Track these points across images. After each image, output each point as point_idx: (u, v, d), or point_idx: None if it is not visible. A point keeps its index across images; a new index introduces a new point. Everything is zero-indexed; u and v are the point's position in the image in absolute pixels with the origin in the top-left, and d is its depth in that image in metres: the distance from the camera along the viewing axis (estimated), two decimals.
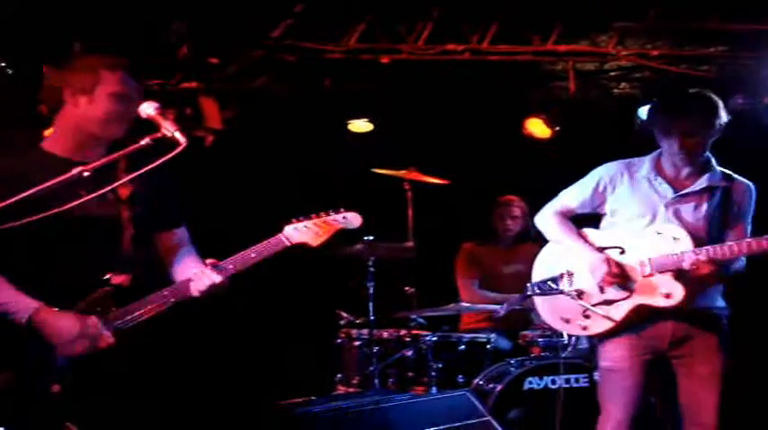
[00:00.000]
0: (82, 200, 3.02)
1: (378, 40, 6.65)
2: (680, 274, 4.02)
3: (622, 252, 4.19)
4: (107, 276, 3.31)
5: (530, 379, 5.40)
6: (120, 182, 3.19)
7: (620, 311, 4.12)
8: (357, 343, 5.91)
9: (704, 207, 4.17)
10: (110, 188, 3.03)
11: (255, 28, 6.46)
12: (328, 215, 3.45)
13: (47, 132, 3.18)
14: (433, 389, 5.54)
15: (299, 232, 3.41)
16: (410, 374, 5.70)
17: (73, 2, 5.77)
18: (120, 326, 3.29)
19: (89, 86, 3.28)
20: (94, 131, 3.32)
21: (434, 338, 5.72)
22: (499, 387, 5.35)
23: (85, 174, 2.87)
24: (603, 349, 4.25)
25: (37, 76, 6.33)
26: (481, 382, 5.52)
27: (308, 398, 5.42)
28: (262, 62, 6.76)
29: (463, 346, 5.82)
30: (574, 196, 4.42)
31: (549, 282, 4.30)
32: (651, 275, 4.07)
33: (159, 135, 3.09)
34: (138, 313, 3.32)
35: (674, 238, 4.06)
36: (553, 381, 5.39)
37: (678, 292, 4.02)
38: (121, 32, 6.14)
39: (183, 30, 6.23)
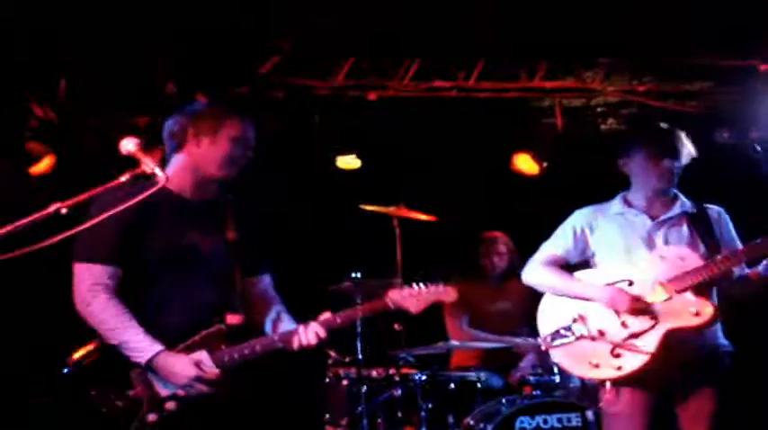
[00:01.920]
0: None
1: (365, 77, 6.66)
2: (700, 291, 4.00)
3: (630, 283, 4.13)
4: (223, 315, 3.48)
5: (521, 418, 5.31)
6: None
7: (652, 342, 4.00)
8: (345, 382, 5.81)
9: (686, 231, 4.21)
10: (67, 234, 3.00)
11: (243, 64, 6.45)
12: (428, 287, 3.67)
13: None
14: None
15: (403, 298, 3.62)
16: (399, 414, 5.60)
17: (60, 37, 5.75)
18: (227, 365, 3.42)
19: (213, 129, 3.49)
20: (211, 172, 3.52)
21: (424, 377, 5.63)
22: (490, 427, 5.27)
23: (63, 211, 2.81)
24: (606, 393, 4.13)
25: (22, 110, 6.35)
26: (472, 422, 5.44)
27: None
28: (248, 98, 6.75)
29: (453, 385, 5.74)
30: (556, 246, 4.38)
31: (561, 331, 4.16)
32: (671, 299, 4.02)
33: (139, 171, 3.09)
34: (246, 352, 3.46)
35: (681, 259, 4.05)
36: (545, 421, 5.33)
37: (706, 308, 3.98)
38: (109, 68, 6.15)
39: (168, 66, 6.23)
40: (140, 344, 3.33)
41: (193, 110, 3.61)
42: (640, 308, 4.03)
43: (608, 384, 4.13)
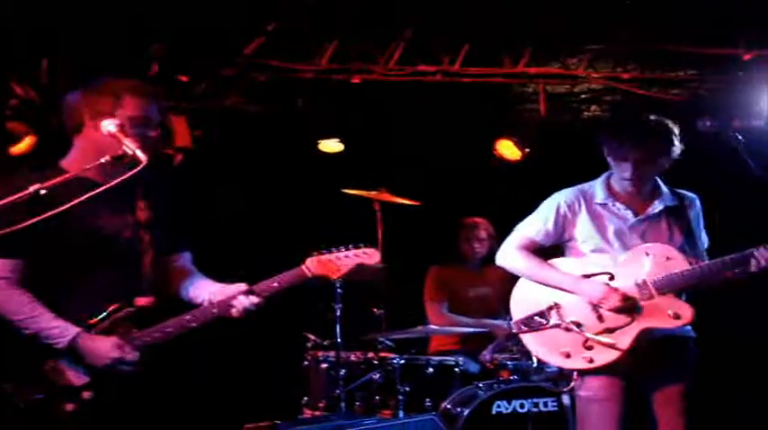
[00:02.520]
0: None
1: (350, 61, 6.64)
2: (681, 293, 4.01)
3: (612, 278, 4.11)
4: (132, 298, 3.39)
5: (498, 402, 5.36)
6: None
7: (626, 338, 4.00)
8: (324, 365, 5.82)
9: (666, 228, 4.19)
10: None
11: (227, 46, 6.42)
12: (348, 250, 3.54)
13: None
14: (401, 413, 5.47)
15: (321, 265, 3.49)
16: (377, 398, 5.62)
17: (42, 17, 5.70)
18: (139, 346, 3.35)
19: (109, 110, 3.30)
20: (113, 154, 3.28)
21: (402, 361, 5.64)
22: (467, 411, 5.30)
23: (42, 192, 2.81)
24: (583, 378, 4.15)
25: (4, 91, 6.30)
26: (449, 406, 5.47)
27: (273, 422, 5.34)
28: (233, 81, 6.72)
29: (431, 369, 5.76)
30: (535, 228, 4.31)
31: (536, 317, 4.15)
32: (652, 297, 4.01)
33: (120, 152, 3.08)
34: (156, 335, 3.39)
35: (667, 258, 4.03)
36: (521, 405, 5.36)
37: (687, 311, 3.99)
38: (91, 48, 6.10)
39: (160, 50, 6.19)
40: (57, 330, 3.27)
41: (87, 90, 3.39)
42: (625, 307, 4.01)
43: (575, 374, 4.17)
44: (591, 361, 4.05)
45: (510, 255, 4.34)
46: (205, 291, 3.55)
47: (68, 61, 6.26)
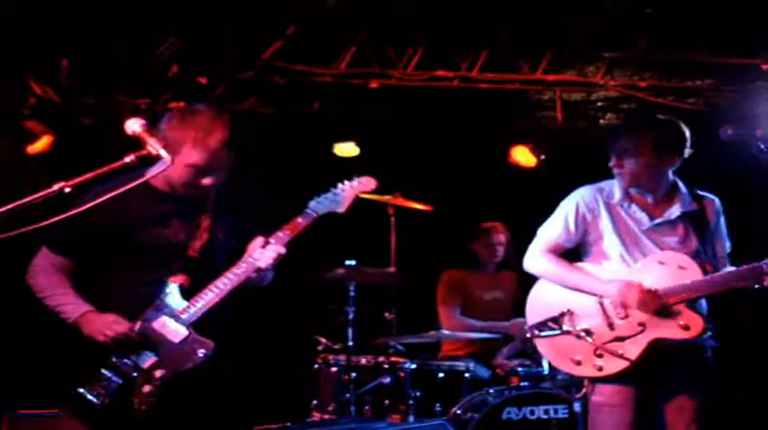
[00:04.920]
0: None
1: (368, 65, 6.65)
2: (691, 303, 3.96)
3: None
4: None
5: (508, 408, 5.35)
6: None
7: (635, 348, 3.95)
8: (334, 369, 5.82)
9: (683, 233, 4.14)
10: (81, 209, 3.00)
11: (246, 49, 6.45)
12: (344, 184, 3.78)
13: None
14: (410, 418, 5.47)
15: (324, 204, 3.71)
16: (387, 402, 5.61)
17: (64, 17, 5.75)
18: (190, 319, 3.47)
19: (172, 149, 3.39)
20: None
21: (413, 366, 5.65)
22: (477, 417, 5.30)
23: (67, 190, 2.83)
24: (595, 385, 4.10)
25: (22, 88, 6.36)
26: (459, 412, 5.47)
27: (283, 425, 5.36)
28: (250, 83, 6.75)
29: (442, 375, 5.77)
30: (558, 231, 4.25)
31: (549, 323, 4.09)
32: (663, 308, 3.95)
33: (144, 152, 3.11)
34: (199, 305, 3.48)
35: (681, 267, 3.98)
36: (532, 412, 5.35)
37: (697, 322, 3.92)
38: (111, 49, 6.15)
39: (171, 48, 6.23)
40: (69, 306, 3.48)
41: (181, 116, 3.50)
42: (652, 302, 3.94)
43: (586, 381, 4.15)
44: (600, 369, 4.01)
45: (536, 260, 4.28)
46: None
47: (87, 62, 6.32)
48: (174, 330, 3.46)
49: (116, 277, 3.55)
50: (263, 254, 3.54)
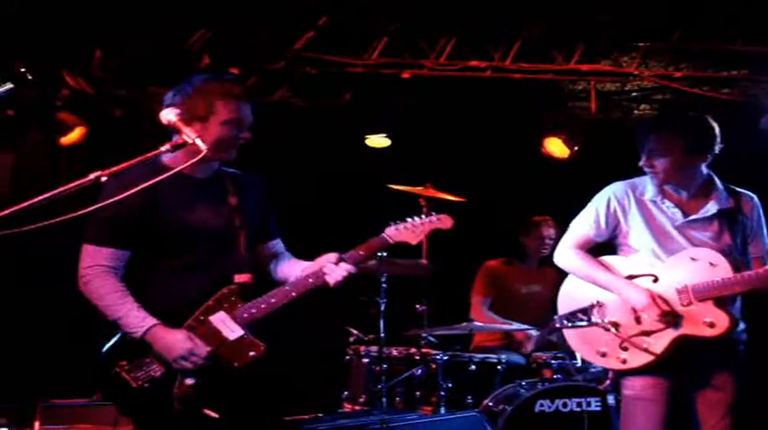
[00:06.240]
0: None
1: (400, 55, 6.63)
2: (721, 301, 3.92)
3: (655, 280, 4.04)
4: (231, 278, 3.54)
5: (541, 401, 5.31)
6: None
7: (661, 343, 3.95)
8: (365, 360, 5.83)
9: (717, 230, 4.09)
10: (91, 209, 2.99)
11: (277, 40, 6.45)
12: (422, 217, 3.79)
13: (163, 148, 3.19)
14: (442, 410, 5.46)
15: (400, 232, 3.71)
16: (418, 394, 5.62)
17: (96, 9, 5.78)
18: (246, 321, 3.49)
19: (203, 114, 3.44)
20: (206, 155, 3.37)
21: (445, 358, 5.63)
22: (509, 409, 5.27)
23: (103, 179, 2.83)
24: (626, 377, 4.10)
25: (55, 80, 6.40)
26: (491, 404, 5.45)
27: (314, 415, 5.36)
28: (282, 74, 6.75)
29: (474, 366, 5.74)
30: (589, 225, 4.24)
31: (578, 314, 4.11)
32: (691, 304, 3.94)
33: (180, 141, 3.12)
34: (262, 307, 3.51)
35: (711, 264, 3.94)
36: (564, 404, 5.32)
37: (723, 321, 3.89)
38: (143, 40, 6.17)
39: (202, 39, 6.24)
40: (135, 320, 3.38)
41: (185, 91, 3.49)
42: (660, 312, 3.94)
43: (610, 373, 4.18)
44: (624, 362, 4.03)
45: (565, 254, 4.29)
46: (297, 268, 3.71)
47: (120, 54, 6.35)
48: (232, 327, 3.46)
49: (152, 266, 3.52)
50: (334, 270, 3.55)
